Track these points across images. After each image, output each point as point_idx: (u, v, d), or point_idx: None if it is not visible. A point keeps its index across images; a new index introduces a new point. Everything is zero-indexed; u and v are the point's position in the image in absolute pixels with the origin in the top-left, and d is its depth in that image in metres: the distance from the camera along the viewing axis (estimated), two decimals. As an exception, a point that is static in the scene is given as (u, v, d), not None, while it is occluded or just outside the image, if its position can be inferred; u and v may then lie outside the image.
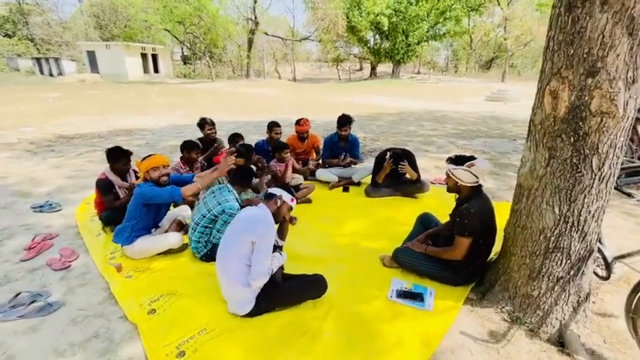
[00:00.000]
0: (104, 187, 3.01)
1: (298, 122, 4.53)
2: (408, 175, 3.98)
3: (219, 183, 2.97)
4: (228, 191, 2.72)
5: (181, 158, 3.68)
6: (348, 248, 2.88)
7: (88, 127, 8.22)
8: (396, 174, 4.00)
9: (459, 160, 2.26)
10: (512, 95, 16.39)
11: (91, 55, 27.21)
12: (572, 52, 1.60)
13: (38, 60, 26.98)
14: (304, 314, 2.07)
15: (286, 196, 2.11)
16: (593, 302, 2.16)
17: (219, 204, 2.62)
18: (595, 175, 1.70)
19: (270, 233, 1.96)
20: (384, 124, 9.24)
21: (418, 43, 29.29)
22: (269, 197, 2.13)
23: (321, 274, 2.20)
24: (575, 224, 1.81)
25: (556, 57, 1.67)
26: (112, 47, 26.59)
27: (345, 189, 4.28)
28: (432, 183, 4.43)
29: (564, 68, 1.64)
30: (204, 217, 2.60)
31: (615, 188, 1.86)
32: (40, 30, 33.27)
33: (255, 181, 3.60)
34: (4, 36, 31.37)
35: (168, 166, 2.70)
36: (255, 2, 28.01)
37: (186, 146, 3.62)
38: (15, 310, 2.08)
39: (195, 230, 2.62)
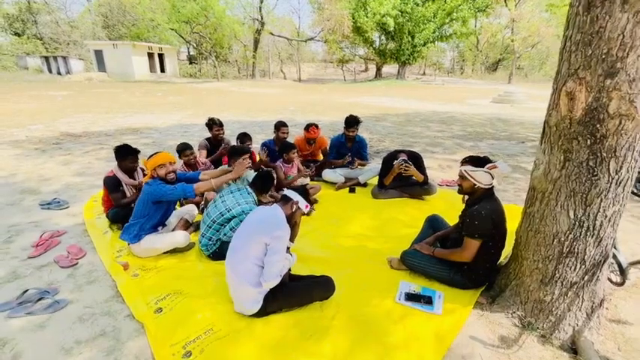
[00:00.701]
0: (111, 184, 3.03)
1: (307, 129, 4.51)
2: (414, 177, 3.95)
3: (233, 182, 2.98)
4: (248, 193, 2.75)
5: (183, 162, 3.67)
6: (355, 250, 2.85)
7: (95, 126, 8.28)
8: (403, 176, 3.97)
9: (476, 162, 2.23)
10: (519, 97, 16.22)
11: (99, 54, 27.47)
12: (590, 52, 1.56)
13: (47, 58, 27.33)
14: (311, 315, 2.05)
15: (302, 203, 2.09)
16: (607, 308, 2.11)
17: (239, 204, 2.65)
18: (612, 178, 1.66)
19: (286, 236, 1.95)
20: (390, 125, 9.19)
21: (424, 44, 29.16)
22: (285, 200, 2.10)
23: (328, 276, 2.18)
24: (591, 229, 1.77)
25: (573, 57, 1.63)
26: (119, 46, 26.80)
27: (352, 190, 4.25)
28: (440, 185, 4.39)
29: (582, 69, 1.60)
30: (222, 215, 2.63)
31: (632, 193, 1.81)
32: (49, 29, 33.62)
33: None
34: (13, 34, 31.78)
35: (174, 163, 2.71)
36: (262, 2, 28.11)
37: (178, 150, 3.61)
38: (23, 306, 2.08)
39: (210, 227, 2.64)
